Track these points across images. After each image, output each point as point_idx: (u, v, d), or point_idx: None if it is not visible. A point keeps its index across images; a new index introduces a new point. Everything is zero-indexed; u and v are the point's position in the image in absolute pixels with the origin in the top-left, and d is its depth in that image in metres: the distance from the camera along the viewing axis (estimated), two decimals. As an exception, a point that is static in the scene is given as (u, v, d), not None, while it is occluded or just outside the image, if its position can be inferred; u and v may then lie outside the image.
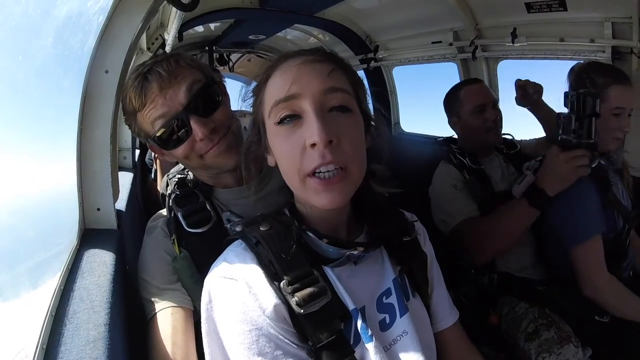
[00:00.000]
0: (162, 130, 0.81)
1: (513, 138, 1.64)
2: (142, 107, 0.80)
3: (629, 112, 1.27)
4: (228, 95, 0.91)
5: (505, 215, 1.24)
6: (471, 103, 1.52)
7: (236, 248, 0.64)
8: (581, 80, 1.32)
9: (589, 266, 1.17)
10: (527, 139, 1.73)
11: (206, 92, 0.82)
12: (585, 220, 1.18)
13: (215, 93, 0.85)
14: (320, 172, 0.57)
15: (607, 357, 1.11)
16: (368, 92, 0.70)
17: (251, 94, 0.69)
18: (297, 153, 0.58)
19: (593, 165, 1.23)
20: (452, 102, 1.61)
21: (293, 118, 0.59)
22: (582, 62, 1.41)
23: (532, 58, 1.98)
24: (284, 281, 0.58)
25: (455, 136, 1.67)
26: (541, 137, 1.69)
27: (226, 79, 0.94)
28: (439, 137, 1.77)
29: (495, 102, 1.55)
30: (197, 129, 0.79)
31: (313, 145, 0.56)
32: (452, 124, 1.63)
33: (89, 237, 0.89)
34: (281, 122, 0.59)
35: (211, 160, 0.84)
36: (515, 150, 1.59)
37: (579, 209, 1.19)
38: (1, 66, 0.68)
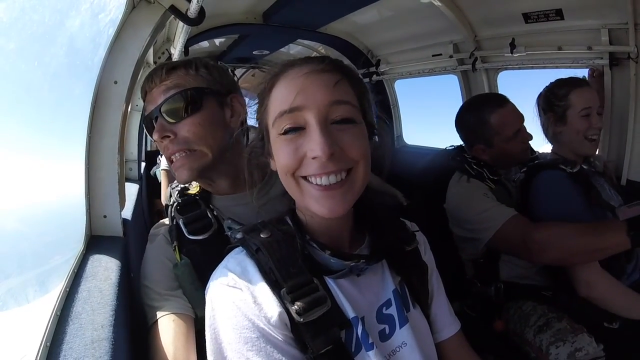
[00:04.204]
0: (144, 120, 0.90)
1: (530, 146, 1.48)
2: (145, 98, 0.90)
3: (598, 111, 1.34)
4: (236, 112, 0.92)
5: (596, 229, 1.10)
6: (509, 129, 1.34)
7: (237, 255, 0.63)
8: (548, 101, 1.41)
9: (581, 264, 1.15)
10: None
11: (179, 99, 0.84)
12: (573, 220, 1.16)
13: (190, 102, 0.84)
14: (318, 179, 0.57)
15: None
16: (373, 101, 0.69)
17: (255, 101, 0.69)
18: (296, 159, 0.58)
19: (575, 171, 1.27)
20: (478, 130, 1.38)
21: (297, 130, 0.58)
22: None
23: (532, 68, 1.98)
24: (284, 289, 0.57)
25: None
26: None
27: None
28: (449, 147, 1.58)
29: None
30: (156, 130, 0.85)
31: (315, 157, 0.56)
32: (477, 151, 1.41)
33: (95, 243, 0.91)
34: (285, 133, 0.59)
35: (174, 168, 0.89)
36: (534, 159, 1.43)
37: (564, 209, 1.19)
38: (19, 69, 0.72)
